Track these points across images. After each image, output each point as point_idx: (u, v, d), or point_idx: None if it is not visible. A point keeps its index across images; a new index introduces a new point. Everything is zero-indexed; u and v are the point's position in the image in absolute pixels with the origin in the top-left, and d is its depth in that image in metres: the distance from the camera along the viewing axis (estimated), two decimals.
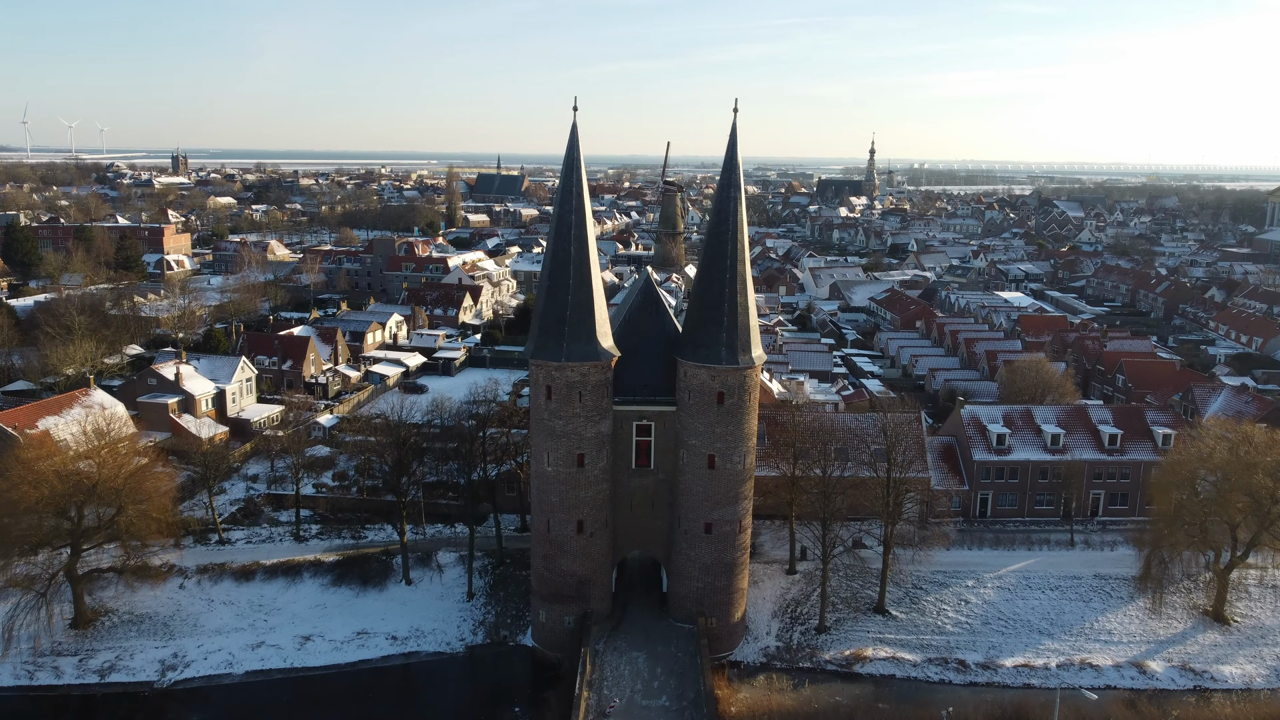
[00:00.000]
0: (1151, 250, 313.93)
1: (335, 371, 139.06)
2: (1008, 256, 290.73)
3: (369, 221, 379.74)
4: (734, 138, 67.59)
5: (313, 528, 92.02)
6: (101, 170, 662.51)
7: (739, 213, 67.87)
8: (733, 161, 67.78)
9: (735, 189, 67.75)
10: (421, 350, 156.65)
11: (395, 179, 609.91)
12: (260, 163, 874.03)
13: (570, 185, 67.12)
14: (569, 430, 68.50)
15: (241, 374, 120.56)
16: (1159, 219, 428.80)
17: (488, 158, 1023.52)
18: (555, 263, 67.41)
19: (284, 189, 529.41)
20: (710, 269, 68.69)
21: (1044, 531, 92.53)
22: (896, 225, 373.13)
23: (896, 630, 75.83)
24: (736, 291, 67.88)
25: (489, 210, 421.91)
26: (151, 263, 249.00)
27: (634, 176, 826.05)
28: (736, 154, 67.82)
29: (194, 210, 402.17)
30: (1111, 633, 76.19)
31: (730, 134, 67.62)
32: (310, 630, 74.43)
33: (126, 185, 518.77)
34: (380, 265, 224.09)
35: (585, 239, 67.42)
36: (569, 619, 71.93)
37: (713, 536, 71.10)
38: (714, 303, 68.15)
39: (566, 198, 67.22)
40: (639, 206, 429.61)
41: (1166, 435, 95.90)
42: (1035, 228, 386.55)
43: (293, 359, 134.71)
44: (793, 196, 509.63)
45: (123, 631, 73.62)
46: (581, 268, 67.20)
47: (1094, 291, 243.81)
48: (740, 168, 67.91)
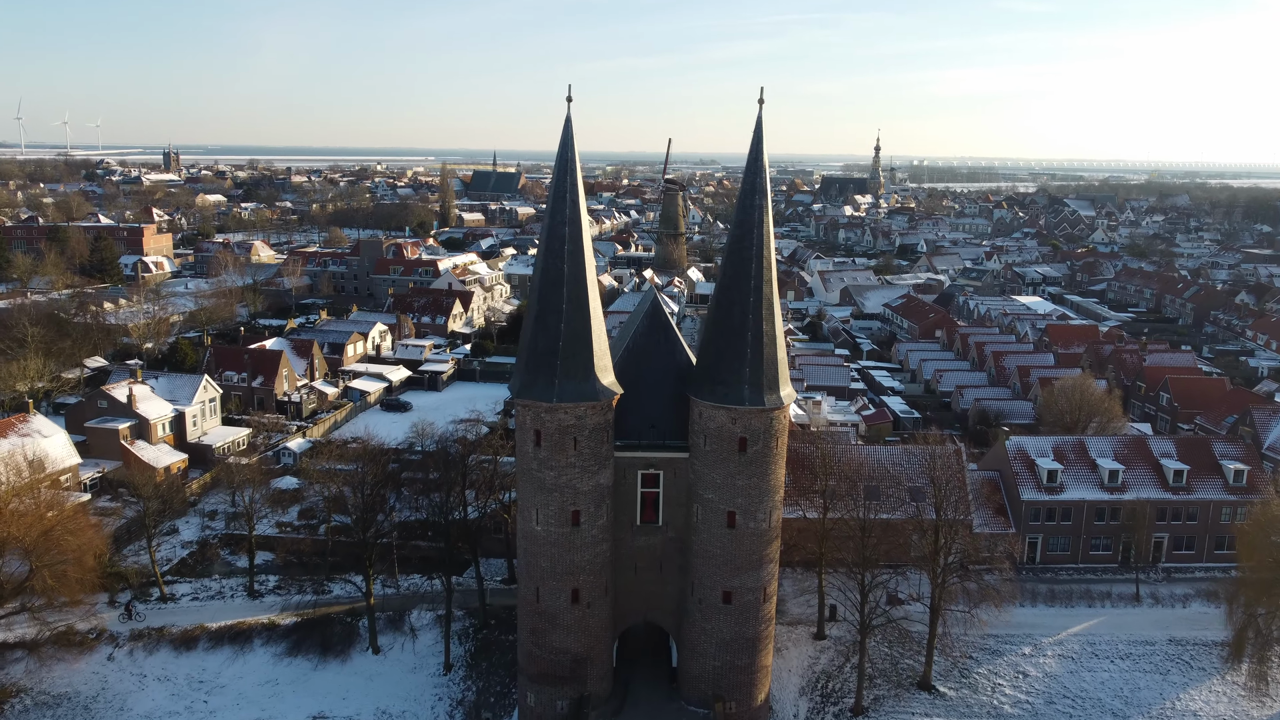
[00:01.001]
0: (1170, 251, 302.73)
1: (311, 388, 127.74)
2: (1022, 258, 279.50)
3: (360, 220, 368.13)
4: (759, 135, 56.29)
5: (270, 579, 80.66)
6: (91, 167, 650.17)
7: (765, 224, 56.63)
8: (758, 163, 56.46)
9: (761, 195, 56.54)
10: (406, 363, 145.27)
11: (389, 176, 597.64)
12: (254, 159, 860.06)
13: (563, 190, 55.78)
14: (561, 483, 57.22)
15: (204, 394, 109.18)
16: (1172, 218, 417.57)
17: (485, 154, 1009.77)
18: (546, 282, 56.11)
19: (275, 186, 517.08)
20: (730, 290, 57.38)
21: (1103, 583, 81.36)
22: (904, 225, 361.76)
23: (946, 712, 64.73)
24: (762, 318, 56.59)
25: (484, 209, 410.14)
26: (129, 265, 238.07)
27: (633, 173, 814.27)
28: (762, 155, 56.53)
29: (180, 209, 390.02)
30: (1198, 715, 65.13)
31: (755, 131, 56.25)
32: (258, 714, 63.25)
33: (115, 183, 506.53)
34: (367, 268, 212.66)
35: (581, 254, 56.09)
36: (562, 703, 60.72)
37: (733, 607, 59.89)
38: (735, 331, 56.87)
39: (559, 205, 55.89)
40: (638, 205, 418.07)
41: (1239, 471, 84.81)
42: (1046, 227, 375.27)
43: (263, 375, 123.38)
44: (795, 195, 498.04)
45: (35, 717, 62.37)
46: (577, 289, 55.88)
47: (1115, 296, 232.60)
48: (766, 171, 56.73)
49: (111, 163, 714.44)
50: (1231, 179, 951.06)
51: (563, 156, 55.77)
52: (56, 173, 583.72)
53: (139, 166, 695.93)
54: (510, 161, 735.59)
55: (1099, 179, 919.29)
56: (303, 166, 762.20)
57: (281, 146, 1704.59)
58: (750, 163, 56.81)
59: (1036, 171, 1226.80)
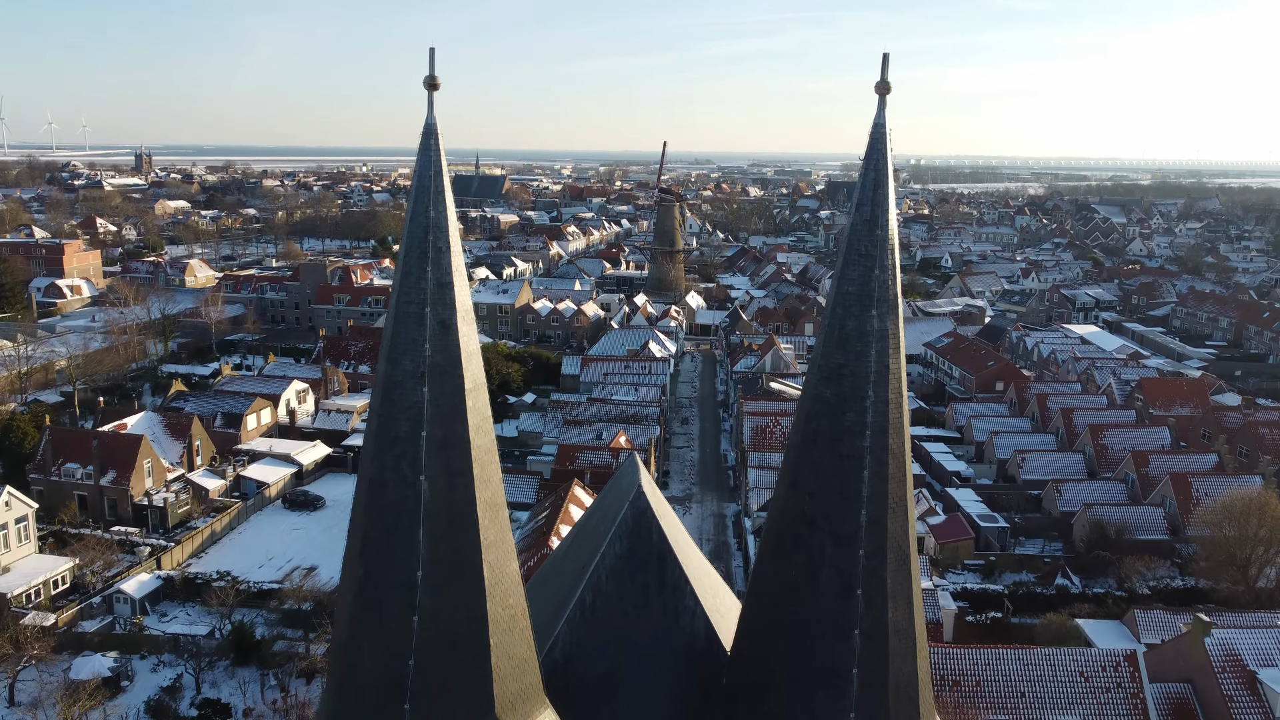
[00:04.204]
0: (1226, 266, 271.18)
1: (187, 482, 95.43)
2: (1063, 276, 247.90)
3: (327, 230, 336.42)
4: (881, 144, 23.85)
5: None
6: (55, 169, 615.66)
7: (898, 354, 24.32)
8: (881, 211, 24.09)
9: (884, 307, 24.28)
10: (327, 436, 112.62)
11: (368, 180, 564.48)
12: (229, 160, 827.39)
13: (417, 289, 23.44)
14: None
15: (4, 512, 76.90)
16: (1209, 225, 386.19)
17: (483, 153, 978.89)
18: (380, 523, 23.81)
19: (244, 191, 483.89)
20: (811, 517, 24.97)
21: None
22: (924, 235, 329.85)
23: None
24: (886, 601, 24.33)
25: (464, 216, 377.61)
26: (42, 289, 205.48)
27: (626, 174, 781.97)
28: (888, 190, 24.19)
29: (132, 217, 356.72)
30: None
31: (872, 145, 23.80)
32: None
33: (76, 187, 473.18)
34: (309, 296, 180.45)
35: (463, 443, 23.77)
36: None
37: None
38: (827, 617, 24.63)
39: (404, 329, 23.53)
40: (630, 213, 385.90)
41: None
42: (1076, 236, 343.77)
43: (116, 469, 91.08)
44: (800, 199, 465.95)
45: None
46: (458, 535, 23.68)
47: (1183, 324, 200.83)
48: (896, 249, 24.53)
49: (79, 165, 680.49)
50: (1235, 178, 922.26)
51: (420, 210, 23.52)
52: (19, 176, 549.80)
53: (107, 169, 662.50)
54: (504, 161, 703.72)
55: (1104, 178, 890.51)
56: (284, 168, 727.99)
57: (277, 146, 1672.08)
58: (859, 212, 24.39)
59: (1038, 171, 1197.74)
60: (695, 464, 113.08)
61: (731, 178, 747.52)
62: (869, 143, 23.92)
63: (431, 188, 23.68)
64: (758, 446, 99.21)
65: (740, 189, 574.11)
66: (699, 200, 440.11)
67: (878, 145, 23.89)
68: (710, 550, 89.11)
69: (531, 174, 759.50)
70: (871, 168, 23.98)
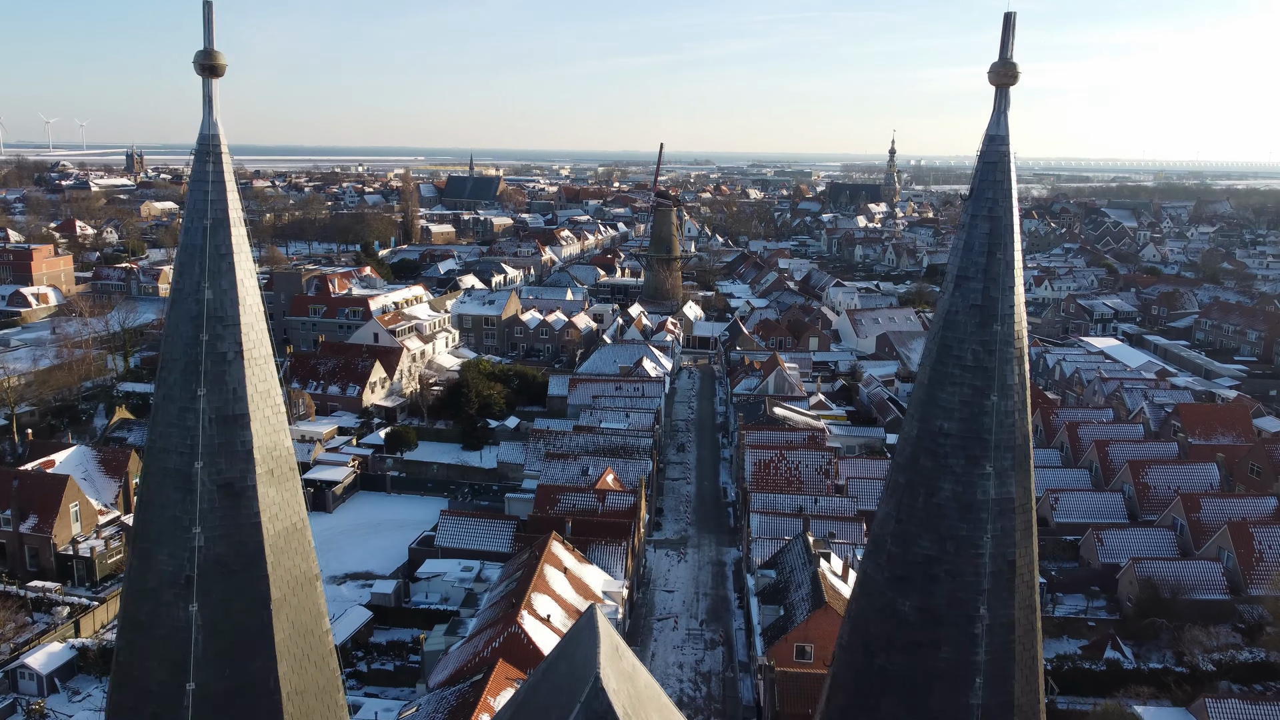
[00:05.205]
0: (1245, 274, 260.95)
1: (121, 527, 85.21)
2: (1077, 284, 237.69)
3: (314, 233, 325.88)
4: (1000, 171, 13.97)
5: None
6: (44, 169, 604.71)
7: (1028, 544, 14.38)
8: (1005, 290, 14.14)
9: (1012, 436, 14.37)
10: None
11: (360, 181, 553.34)
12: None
13: (173, 422, 13.49)
14: None
15: None
16: (1222, 229, 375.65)
17: (480, 153, 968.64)
18: None
19: None
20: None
21: None
22: (930, 240, 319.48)
23: None
24: None
25: (456, 219, 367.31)
26: (6, 297, 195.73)
27: (624, 174, 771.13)
28: (1013, 249, 14.25)
29: (115, 220, 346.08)
30: None
31: (985, 171, 13.92)
32: None
33: (62, 187, 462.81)
34: (283, 308, 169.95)
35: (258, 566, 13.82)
36: None
37: None
38: None
39: (160, 495, 13.58)
40: (627, 216, 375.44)
41: None
42: (1087, 241, 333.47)
43: (38, 514, 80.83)
44: (801, 202, 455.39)
45: None
46: None
47: (1207, 337, 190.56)
48: (1023, 310, 14.61)
49: (69, 165, 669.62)
50: (1238, 179, 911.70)
51: (189, 289, 13.51)
52: (7, 177, 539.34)
53: (98, 169, 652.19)
54: (501, 162, 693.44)
55: (1107, 179, 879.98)
56: (279, 168, 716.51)
57: (274, 145, 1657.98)
58: (972, 239, 14.43)
59: (1040, 172, 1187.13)
60: (692, 499, 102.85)
61: (731, 178, 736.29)
62: (980, 168, 13.79)
63: (206, 248, 13.55)
64: (760, 486, 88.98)
65: (740, 190, 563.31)
66: (698, 202, 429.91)
67: (995, 173, 13.75)
68: (708, 608, 78.93)
69: (529, 174, 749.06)
70: (985, 211, 13.80)
